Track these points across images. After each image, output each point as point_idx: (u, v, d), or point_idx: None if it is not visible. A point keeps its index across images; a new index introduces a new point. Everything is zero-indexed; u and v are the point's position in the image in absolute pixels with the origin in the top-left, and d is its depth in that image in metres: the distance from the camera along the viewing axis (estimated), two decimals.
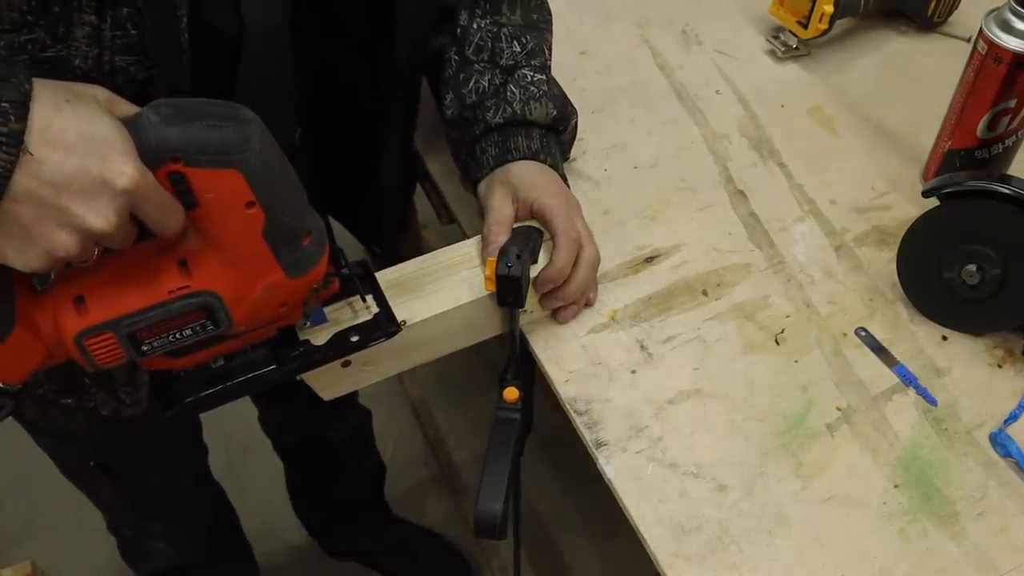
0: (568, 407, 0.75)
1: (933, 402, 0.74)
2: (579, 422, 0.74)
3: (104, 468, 0.98)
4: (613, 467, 0.71)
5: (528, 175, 0.78)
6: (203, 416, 1.77)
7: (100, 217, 0.49)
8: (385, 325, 0.69)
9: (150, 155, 0.50)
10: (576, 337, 0.79)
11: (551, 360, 0.78)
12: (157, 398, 0.66)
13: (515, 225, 0.77)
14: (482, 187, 0.80)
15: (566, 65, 0.95)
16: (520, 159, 0.79)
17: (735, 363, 0.77)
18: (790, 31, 1.07)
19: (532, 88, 0.81)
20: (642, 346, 0.78)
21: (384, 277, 0.74)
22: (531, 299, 0.76)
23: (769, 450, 0.72)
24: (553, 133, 0.83)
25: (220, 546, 1.29)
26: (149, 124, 0.50)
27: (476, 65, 0.81)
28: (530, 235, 0.75)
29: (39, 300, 0.54)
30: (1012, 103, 0.82)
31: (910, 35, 1.10)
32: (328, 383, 0.72)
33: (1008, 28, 0.78)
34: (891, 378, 0.76)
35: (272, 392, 1.28)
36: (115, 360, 0.56)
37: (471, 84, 0.81)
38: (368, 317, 0.69)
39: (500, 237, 0.74)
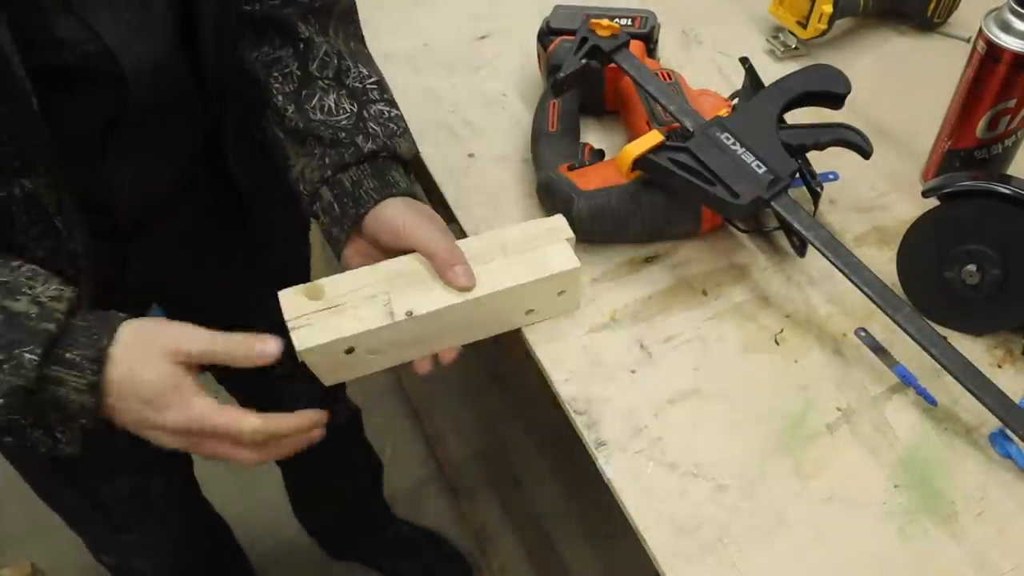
0: (568, 407, 0.75)
1: (933, 402, 0.74)
2: (579, 422, 0.74)
3: (62, 469, 0.95)
4: (613, 467, 0.71)
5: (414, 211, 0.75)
6: None
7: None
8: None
9: None
10: (576, 337, 0.79)
11: (551, 360, 0.78)
12: None
13: None
14: (370, 222, 0.75)
15: None
16: (401, 195, 0.76)
17: (735, 363, 0.78)
18: (789, 31, 1.07)
19: (392, 125, 0.78)
20: (642, 346, 0.79)
21: (388, 267, 0.74)
22: (537, 299, 0.76)
23: (769, 450, 0.72)
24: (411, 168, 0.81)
25: (205, 563, 1.28)
26: None
27: (320, 82, 0.78)
28: None
29: None
30: (1012, 103, 0.82)
31: (909, 35, 1.10)
32: (330, 369, 0.72)
33: (1008, 28, 0.78)
34: (891, 378, 0.76)
35: (247, 393, 1.27)
36: None
37: (315, 101, 0.78)
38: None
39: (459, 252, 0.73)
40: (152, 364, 0.62)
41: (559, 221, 0.78)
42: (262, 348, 0.65)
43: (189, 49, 0.75)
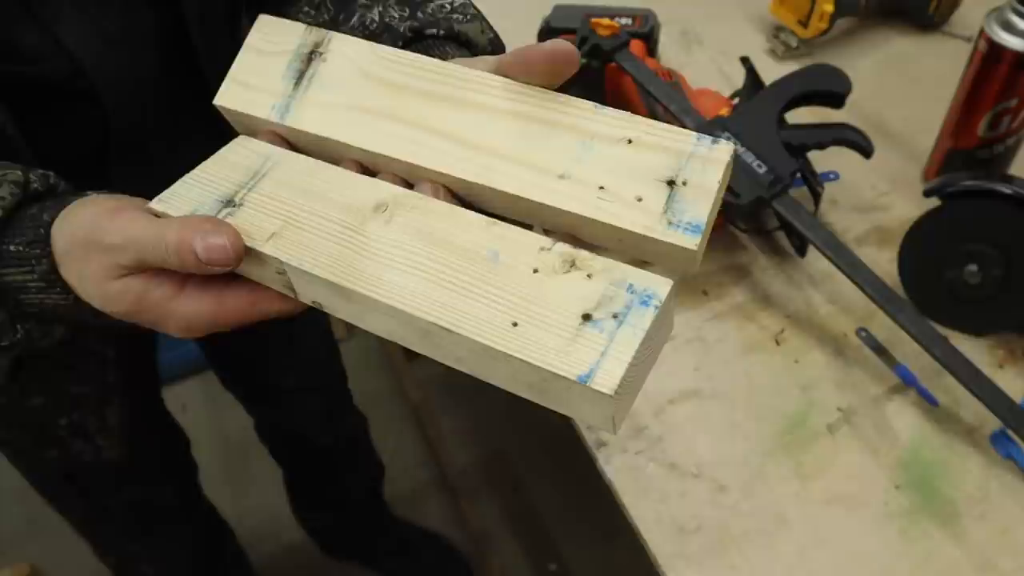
0: None
1: (934, 402, 0.74)
2: (579, 422, 0.74)
3: (72, 479, 0.94)
4: (613, 467, 0.71)
5: None
6: (198, 421, 1.78)
7: None
8: None
9: None
10: None
11: None
12: None
13: None
14: None
15: None
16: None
17: (735, 363, 0.77)
18: (790, 31, 1.07)
19: (456, 15, 0.59)
20: None
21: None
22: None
23: (769, 450, 0.72)
24: None
25: (209, 568, 1.27)
26: None
27: (359, 3, 0.62)
28: None
29: None
30: (1013, 103, 0.82)
31: (910, 35, 1.10)
32: None
33: (1009, 28, 0.78)
34: (892, 378, 0.76)
35: (258, 397, 1.26)
36: None
37: (353, 20, 0.60)
38: None
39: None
40: (96, 284, 0.45)
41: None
42: (203, 244, 0.42)
43: (186, 50, 0.68)
